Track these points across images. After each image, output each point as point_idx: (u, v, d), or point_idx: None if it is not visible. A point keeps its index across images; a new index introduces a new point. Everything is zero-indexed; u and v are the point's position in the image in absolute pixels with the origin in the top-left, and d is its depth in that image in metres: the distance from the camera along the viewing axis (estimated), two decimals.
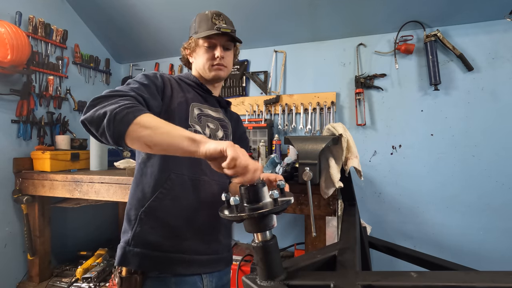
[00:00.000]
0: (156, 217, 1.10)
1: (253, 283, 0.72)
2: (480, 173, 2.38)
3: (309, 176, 1.08)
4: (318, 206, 1.57)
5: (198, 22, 1.28)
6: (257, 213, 0.69)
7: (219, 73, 1.29)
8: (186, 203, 1.13)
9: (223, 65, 1.29)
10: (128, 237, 1.10)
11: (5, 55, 2.08)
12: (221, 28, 1.22)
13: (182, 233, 1.12)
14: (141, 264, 1.07)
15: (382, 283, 0.63)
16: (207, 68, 1.28)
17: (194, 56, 1.33)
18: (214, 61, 1.27)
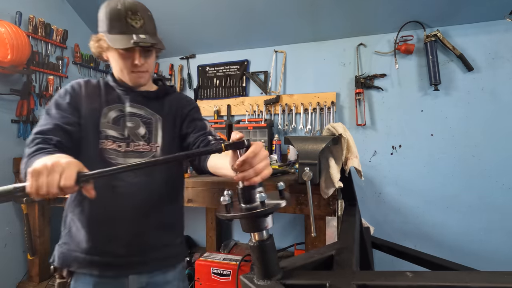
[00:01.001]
0: (80, 219, 1.14)
1: (250, 282, 0.72)
2: (480, 173, 2.37)
3: (309, 176, 1.09)
4: (318, 206, 1.56)
5: (109, 18, 1.11)
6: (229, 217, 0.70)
7: (139, 81, 1.21)
8: (100, 208, 1.12)
9: (144, 71, 1.20)
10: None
11: (5, 55, 2.09)
12: (139, 42, 1.08)
13: (98, 236, 1.13)
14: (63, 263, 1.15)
15: (377, 282, 0.63)
16: (126, 75, 1.19)
17: (109, 56, 1.20)
18: (133, 67, 1.17)
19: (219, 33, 2.92)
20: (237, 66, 3.06)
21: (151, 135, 1.23)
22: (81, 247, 1.13)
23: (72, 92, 1.19)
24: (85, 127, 1.15)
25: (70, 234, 1.18)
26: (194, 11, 2.69)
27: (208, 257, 2.28)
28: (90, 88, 1.22)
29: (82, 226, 1.13)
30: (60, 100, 1.16)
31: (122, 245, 1.13)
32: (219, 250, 2.77)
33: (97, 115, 1.17)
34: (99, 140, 1.14)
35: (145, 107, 1.26)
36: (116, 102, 1.22)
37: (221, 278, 2.21)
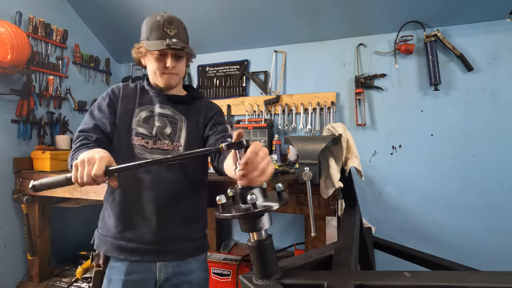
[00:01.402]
0: (111, 208, 1.29)
1: (249, 282, 0.72)
2: (480, 173, 2.37)
3: (309, 176, 1.08)
4: (318, 206, 1.56)
5: (149, 28, 1.31)
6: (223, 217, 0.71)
7: (170, 82, 1.35)
8: (133, 197, 1.27)
9: (174, 74, 1.35)
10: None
11: (5, 55, 2.09)
12: (171, 45, 1.25)
13: (125, 223, 1.26)
14: (98, 246, 1.30)
15: (375, 282, 0.63)
16: (158, 76, 1.34)
17: (146, 61, 1.38)
18: (165, 69, 1.32)
19: (219, 33, 2.92)
20: (237, 66, 3.06)
21: (175, 135, 1.35)
22: (111, 232, 1.27)
23: (112, 95, 1.36)
24: (119, 126, 1.31)
25: (103, 220, 1.33)
26: (194, 11, 2.69)
27: (208, 257, 2.28)
28: (127, 91, 1.39)
29: (113, 214, 1.28)
30: (101, 102, 1.35)
31: (147, 233, 1.25)
32: (219, 250, 2.77)
33: (131, 115, 1.33)
34: (131, 137, 1.29)
35: (172, 108, 1.39)
36: (147, 104, 1.37)
37: (221, 278, 2.21)
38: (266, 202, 0.75)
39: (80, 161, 0.95)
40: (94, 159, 0.94)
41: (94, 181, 0.94)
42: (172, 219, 1.30)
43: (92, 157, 0.95)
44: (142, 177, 1.27)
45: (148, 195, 1.27)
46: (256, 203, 0.71)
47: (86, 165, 0.94)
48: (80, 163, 0.95)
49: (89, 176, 0.93)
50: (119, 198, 1.28)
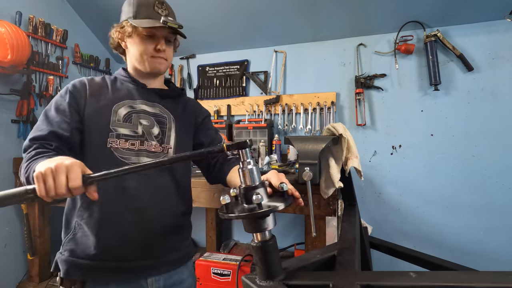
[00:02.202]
0: (88, 225, 1.08)
1: (252, 283, 0.72)
2: (480, 173, 2.38)
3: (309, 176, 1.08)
4: (318, 206, 1.56)
5: (137, 5, 1.16)
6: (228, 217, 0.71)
7: (159, 67, 1.21)
8: (111, 211, 1.08)
9: (164, 59, 1.22)
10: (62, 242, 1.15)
11: (5, 55, 2.08)
12: (167, 22, 1.13)
13: (107, 241, 1.07)
14: (68, 273, 1.07)
15: (381, 283, 0.63)
16: (146, 60, 1.18)
17: (129, 43, 1.20)
18: (154, 52, 1.18)
19: (219, 33, 2.92)
20: (237, 66, 3.06)
21: (164, 136, 1.21)
22: (89, 253, 1.06)
23: (74, 91, 1.14)
24: (90, 129, 1.11)
25: (75, 240, 1.10)
26: (194, 11, 2.68)
27: (208, 257, 2.28)
28: (95, 86, 1.18)
29: (90, 231, 1.07)
30: (60, 100, 1.12)
31: (134, 248, 1.09)
32: (219, 250, 2.77)
33: (105, 114, 1.13)
34: (108, 139, 1.10)
35: (159, 104, 1.24)
36: (124, 98, 1.18)
37: (221, 278, 2.21)
38: (271, 202, 0.75)
39: (45, 170, 0.76)
40: (63, 165, 0.78)
41: (69, 193, 0.78)
42: (160, 229, 1.15)
43: (61, 164, 0.77)
44: (126, 185, 1.09)
45: (135, 205, 1.10)
46: (262, 203, 0.71)
47: (55, 174, 0.77)
48: (45, 173, 0.76)
49: (63, 187, 0.77)
50: (99, 213, 1.07)
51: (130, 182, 1.09)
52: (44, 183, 0.76)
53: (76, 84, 1.16)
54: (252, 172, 0.77)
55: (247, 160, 0.78)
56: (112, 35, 1.23)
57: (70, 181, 0.77)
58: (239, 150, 0.79)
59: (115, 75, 1.27)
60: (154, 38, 1.17)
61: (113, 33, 1.23)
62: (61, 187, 0.76)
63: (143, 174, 1.10)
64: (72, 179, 0.78)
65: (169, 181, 1.18)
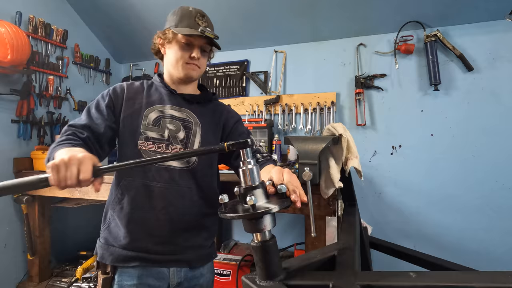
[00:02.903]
0: (119, 217, 1.20)
1: (252, 283, 0.72)
2: (480, 173, 2.38)
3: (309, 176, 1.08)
4: (318, 206, 1.57)
5: (180, 16, 1.26)
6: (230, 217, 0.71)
7: (191, 73, 1.29)
8: (139, 207, 1.19)
9: (197, 66, 1.30)
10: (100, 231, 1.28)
11: (5, 55, 2.08)
12: (205, 32, 1.22)
13: (135, 234, 1.19)
14: (103, 257, 1.20)
15: (381, 283, 0.63)
16: (180, 65, 1.27)
17: (168, 48, 1.30)
18: (189, 59, 1.27)
19: (219, 33, 2.87)
20: (237, 66, 3.06)
21: (188, 140, 1.27)
22: (119, 243, 1.19)
23: (113, 95, 1.26)
24: (123, 130, 1.23)
25: (109, 229, 1.23)
26: None
27: None
28: (132, 91, 1.29)
29: (121, 224, 1.19)
30: (100, 101, 1.25)
31: (159, 243, 1.20)
32: (219, 250, 2.77)
33: (138, 117, 1.23)
34: (138, 141, 1.20)
35: (186, 109, 1.31)
36: (156, 103, 1.28)
37: (221, 278, 2.21)
38: (268, 203, 0.75)
39: (60, 161, 0.83)
40: (76, 158, 0.84)
41: (78, 184, 0.85)
42: (183, 228, 1.24)
43: (74, 157, 0.84)
44: (151, 184, 1.19)
45: (160, 204, 1.20)
46: (257, 204, 0.71)
47: (68, 166, 0.83)
48: (60, 164, 0.83)
49: (74, 178, 0.83)
50: (129, 208, 1.19)
51: (155, 182, 1.19)
52: (57, 173, 0.83)
53: (117, 88, 1.29)
54: (252, 172, 0.77)
55: (247, 159, 0.78)
56: (154, 41, 1.34)
57: (81, 173, 0.84)
58: (239, 150, 0.78)
59: (152, 80, 1.38)
60: (191, 47, 1.26)
61: (155, 39, 1.33)
62: (72, 178, 0.83)
63: (168, 176, 1.20)
64: (83, 171, 0.84)
65: (191, 183, 1.25)
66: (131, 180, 1.20)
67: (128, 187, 1.20)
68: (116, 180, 1.25)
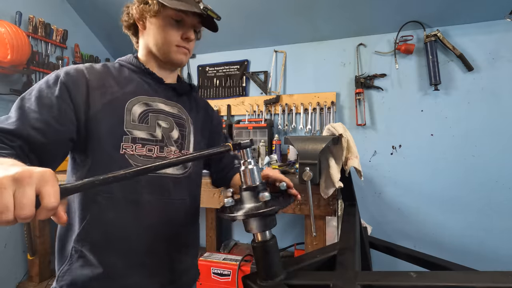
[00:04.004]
0: (89, 251, 0.86)
1: (252, 283, 0.72)
2: (480, 173, 2.38)
3: (309, 176, 1.08)
4: (318, 206, 1.56)
5: None
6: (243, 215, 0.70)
7: (182, 58, 1.03)
8: (123, 229, 0.88)
9: (189, 50, 1.04)
10: (57, 274, 0.89)
11: (5, 55, 2.08)
12: (208, 9, 0.96)
13: (117, 269, 0.88)
14: None
15: (382, 283, 0.63)
16: (170, 48, 0.99)
17: (151, 23, 0.99)
18: (181, 42, 1.00)
19: (219, 33, 2.89)
20: (237, 66, 3.06)
21: (184, 141, 1.03)
22: (87, 281, 0.86)
23: (68, 82, 0.86)
24: (96, 130, 0.87)
25: (71, 272, 0.87)
26: None
27: (208, 257, 2.28)
28: (97, 75, 0.93)
29: (96, 259, 0.86)
30: (46, 90, 0.82)
31: (145, 274, 0.92)
32: (219, 250, 2.77)
33: (118, 112, 0.91)
34: (122, 144, 0.89)
35: (178, 103, 1.06)
36: (139, 93, 0.96)
37: (221, 278, 2.21)
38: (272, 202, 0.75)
39: (2, 179, 0.44)
40: (33, 175, 0.47)
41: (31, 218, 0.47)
42: (179, 249, 1.00)
43: (29, 172, 0.47)
44: (141, 199, 0.90)
45: (148, 223, 0.91)
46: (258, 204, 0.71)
47: (18, 187, 0.46)
48: (2, 182, 0.44)
49: (28, 207, 0.46)
50: (108, 233, 0.87)
51: (145, 196, 0.91)
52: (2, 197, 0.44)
53: (70, 72, 0.88)
54: (253, 172, 0.77)
55: (248, 160, 0.78)
56: (130, 11, 1.01)
57: (47, 196, 0.48)
58: (240, 150, 0.78)
59: (119, 62, 1.04)
60: (181, 25, 0.99)
61: (131, 9, 1.01)
62: (27, 206, 0.46)
63: (161, 187, 0.94)
64: (50, 194, 0.48)
65: (185, 194, 1.01)
66: (109, 197, 0.86)
67: (105, 206, 0.85)
68: (82, 199, 0.87)
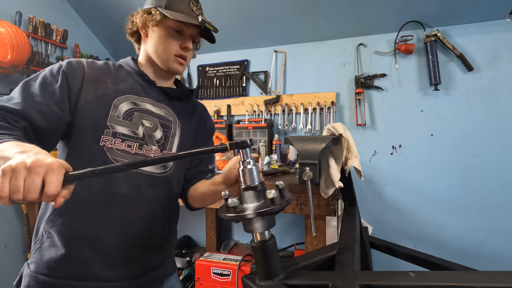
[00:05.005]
0: (60, 233, 0.91)
1: (252, 283, 0.72)
2: (480, 173, 2.38)
3: (309, 176, 1.08)
4: (318, 206, 1.56)
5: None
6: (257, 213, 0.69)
7: (179, 68, 1.09)
8: (93, 219, 0.92)
9: (186, 60, 1.10)
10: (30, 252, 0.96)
11: (5, 55, 2.08)
12: (205, 22, 1.03)
13: (80, 254, 0.90)
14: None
15: (380, 283, 0.63)
16: (167, 57, 1.06)
17: (153, 31, 1.07)
18: (179, 51, 1.06)
19: (219, 33, 2.89)
20: (237, 66, 3.06)
21: (166, 142, 1.06)
22: (53, 268, 0.90)
23: (69, 72, 0.95)
24: (82, 120, 0.94)
25: (41, 251, 0.93)
26: None
27: (208, 257, 2.28)
28: (95, 70, 1.01)
29: (61, 242, 0.90)
30: (49, 79, 0.92)
31: (109, 268, 0.93)
32: (219, 250, 2.77)
33: (104, 106, 0.96)
34: (102, 137, 0.94)
35: (167, 106, 1.10)
36: (129, 93, 1.02)
37: (221, 278, 2.21)
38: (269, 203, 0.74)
39: (17, 165, 0.56)
40: (43, 165, 0.57)
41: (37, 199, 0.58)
42: (145, 247, 1.00)
43: (40, 162, 0.57)
44: (115, 192, 0.93)
45: (121, 217, 0.94)
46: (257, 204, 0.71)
47: (29, 173, 0.56)
48: (16, 169, 0.56)
49: (35, 191, 0.56)
50: (79, 221, 0.91)
51: (120, 189, 0.94)
52: (9, 181, 0.55)
53: (73, 63, 0.98)
54: (252, 172, 0.76)
55: (247, 160, 0.78)
56: (134, 19, 1.11)
57: (49, 185, 0.57)
58: (239, 150, 0.78)
59: (120, 63, 1.12)
60: (181, 35, 1.06)
61: (135, 17, 1.10)
62: (34, 191, 0.56)
63: (136, 183, 0.97)
64: (52, 184, 0.57)
65: (161, 193, 1.04)
66: (85, 186, 0.89)
67: (80, 195, 0.86)
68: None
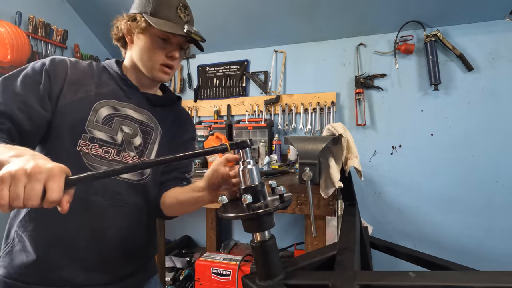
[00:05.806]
0: (31, 237, 0.89)
1: (252, 283, 0.72)
2: (480, 173, 2.38)
3: (309, 176, 1.08)
4: (318, 206, 1.56)
5: (157, 2, 1.00)
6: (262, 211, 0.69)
7: (164, 77, 1.06)
8: (67, 226, 0.89)
9: (173, 69, 1.08)
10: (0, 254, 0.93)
11: (5, 55, 2.08)
12: (191, 32, 0.99)
13: (51, 260, 0.88)
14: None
15: (380, 283, 0.63)
16: (153, 66, 1.03)
17: (138, 38, 1.03)
18: (165, 60, 1.03)
19: (219, 33, 2.92)
20: (237, 66, 3.06)
21: (145, 148, 1.04)
22: (24, 274, 0.87)
23: (51, 71, 0.95)
24: (60, 122, 0.92)
25: (11, 255, 0.90)
26: (195, 11, 2.67)
27: (208, 257, 2.28)
28: (78, 72, 0.99)
29: (33, 247, 0.88)
30: (31, 75, 0.92)
31: (83, 273, 0.91)
32: (219, 250, 2.77)
33: (83, 109, 0.94)
34: (80, 141, 0.92)
35: (149, 112, 1.08)
36: (111, 97, 1.00)
37: (221, 278, 2.21)
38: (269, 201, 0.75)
39: (17, 172, 0.54)
40: (43, 171, 0.56)
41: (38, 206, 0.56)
42: (119, 254, 0.98)
43: (40, 168, 0.56)
44: (91, 199, 0.91)
45: (95, 224, 0.92)
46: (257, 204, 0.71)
47: (29, 180, 0.55)
48: (15, 176, 0.54)
49: (36, 198, 0.55)
50: (52, 226, 0.88)
51: (95, 196, 0.92)
52: (8, 188, 0.54)
53: (56, 62, 0.98)
54: (252, 172, 0.76)
55: (247, 160, 0.78)
56: (119, 25, 1.07)
57: (50, 192, 0.56)
58: (239, 150, 0.78)
59: (104, 64, 1.09)
60: (167, 44, 1.03)
61: (120, 23, 1.06)
62: (34, 198, 0.55)
63: (114, 190, 0.95)
64: (54, 190, 0.56)
65: (138, 200, 1.02)
66: None
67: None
68: None
